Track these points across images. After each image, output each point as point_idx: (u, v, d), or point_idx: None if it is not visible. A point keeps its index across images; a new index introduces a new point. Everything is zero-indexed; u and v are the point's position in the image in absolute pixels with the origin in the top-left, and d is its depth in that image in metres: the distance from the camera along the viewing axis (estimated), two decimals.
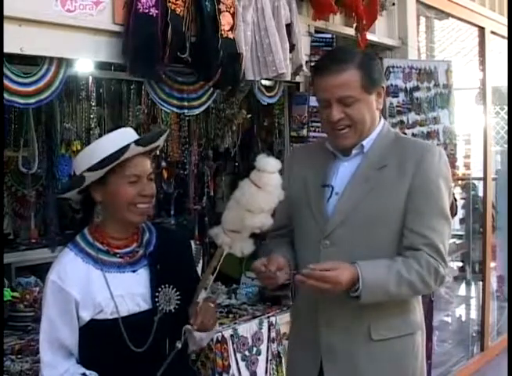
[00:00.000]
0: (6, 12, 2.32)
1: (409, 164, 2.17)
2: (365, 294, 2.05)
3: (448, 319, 5.78)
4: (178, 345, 2.03)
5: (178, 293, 2.12)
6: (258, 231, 2.08)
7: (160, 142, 2.19)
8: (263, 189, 2.01)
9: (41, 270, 3.42)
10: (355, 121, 2.17)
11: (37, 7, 2.43)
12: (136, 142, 2.04)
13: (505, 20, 5.78)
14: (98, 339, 2.05)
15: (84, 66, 3.08)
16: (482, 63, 5.72)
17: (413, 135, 4.34)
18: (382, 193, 2.17)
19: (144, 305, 2.08)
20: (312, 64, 3.50)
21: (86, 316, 2.04)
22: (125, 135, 2.11)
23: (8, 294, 3.39)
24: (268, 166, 2.03)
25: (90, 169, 2.01)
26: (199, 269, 3.61)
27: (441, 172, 2.20)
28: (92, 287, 2.04)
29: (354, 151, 2.25)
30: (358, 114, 2.16)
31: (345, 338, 2.19)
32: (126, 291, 2.06)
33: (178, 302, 2.12)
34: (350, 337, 2.19)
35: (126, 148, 2.01)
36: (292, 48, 3.41)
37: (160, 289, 2.09)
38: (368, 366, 2.19)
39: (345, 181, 2.23)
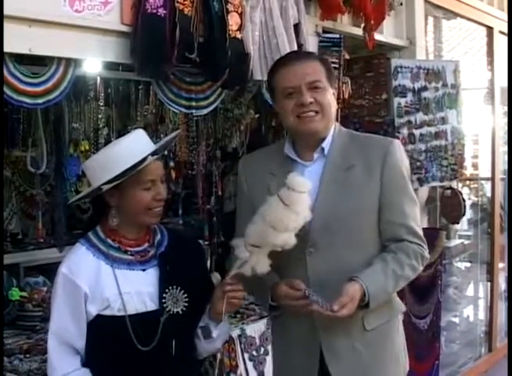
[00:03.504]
0: (15, 12, 2.32)
1: (375, 161, 2.26)
2: (373, 303, 2.17)
3: (456, 320, 5.75)
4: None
5: (186, 295, 2.13)
6: (279, 249, 2.06)
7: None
8: (290, 208, 2.01)
9: (49, 270, 3.42)
10: (323, 106, 2.24)
11: (45, 7, 2.43)
12: (154, 153, 2.07)
13: None
14: (104, 336, 2.06)
15: (93, 66, 3.09)
16: (490, 63, 5.70)
17: (421, 135, 4.34)
18: (355, 192, 2.23)
19: (151, 305, 2.09)
20: None
21: (93, 310, 2.05)
22: (140, 141, 2.12)
23: (16, 293, 3.41)
24: (299, 185, 2.03)
25: (110, 181, 2.01)
26: None
27: (403, 163, 2.33)
28: (101, 281, 2.06)
29: (315, 155, 2.29)
30: (325, 100, 2.25)
31: (343, 333, 2.25)
32: (134, 289, 2.08)
33: (186, 304, 2.13)
34: (348, 332, 2.26)
35: (144, 160, 2.02)
36: (300, 48, 3.40)
37: (167, 290, 2.10)
38: (366, 353, 2.28)
39: (314, 186, 2.21)
